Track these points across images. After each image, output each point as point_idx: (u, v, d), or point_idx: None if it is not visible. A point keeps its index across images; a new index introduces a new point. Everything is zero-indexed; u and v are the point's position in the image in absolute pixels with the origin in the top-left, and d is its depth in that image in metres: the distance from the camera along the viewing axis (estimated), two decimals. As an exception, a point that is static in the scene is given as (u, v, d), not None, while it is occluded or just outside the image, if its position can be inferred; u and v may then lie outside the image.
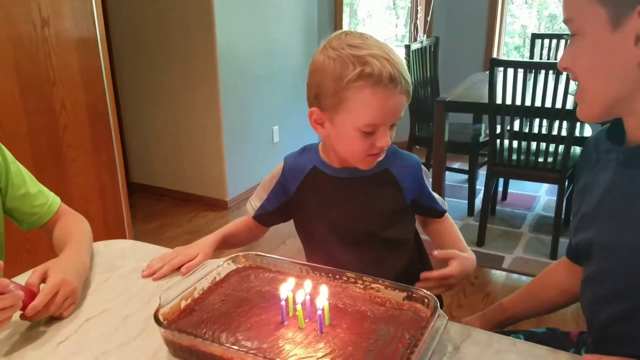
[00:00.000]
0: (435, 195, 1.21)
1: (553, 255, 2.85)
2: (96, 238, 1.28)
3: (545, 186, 3.81)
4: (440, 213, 1.22)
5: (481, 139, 3.30)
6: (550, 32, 4.65)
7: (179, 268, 1.13)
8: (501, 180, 3.55)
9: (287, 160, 1.22)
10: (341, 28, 4.40)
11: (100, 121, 2.55)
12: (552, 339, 1.15)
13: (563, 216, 3.00)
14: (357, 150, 1.05)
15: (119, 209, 2.73)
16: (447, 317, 0.84)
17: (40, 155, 2.29)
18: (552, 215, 2.98)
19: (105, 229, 2.64)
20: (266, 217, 1.25)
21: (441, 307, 1.24)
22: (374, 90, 0.97)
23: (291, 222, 1.27)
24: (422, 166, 1.19)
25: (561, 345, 1.09)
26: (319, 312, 0.86)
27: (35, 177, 1.29)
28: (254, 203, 1.25)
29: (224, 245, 1.24)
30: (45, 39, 2.24)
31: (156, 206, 3.68)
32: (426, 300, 0.89)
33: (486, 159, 3.07)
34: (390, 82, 0.97)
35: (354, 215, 1.14)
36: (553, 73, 2.64)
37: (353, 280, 0.98)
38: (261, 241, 1.33)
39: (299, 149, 1.23)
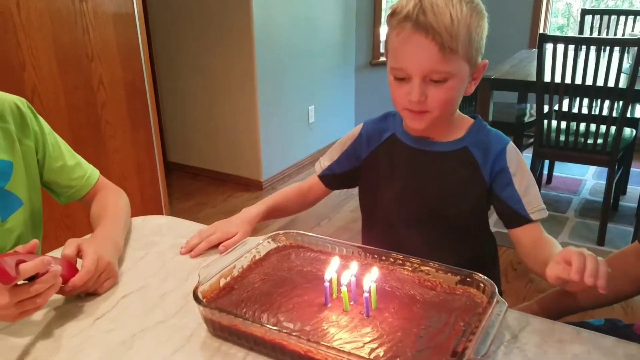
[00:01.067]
0: (527, 194, 1.01)
1: (600, 242, 2.73)
2: (134, 215, 1.26)
3: (592, 169, 3.65)
4: (522, 219, 1.00)
5: (526, 119, 3.16)
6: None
7: (217, 245, 1.09)
8: (546, 163, 3.41)
9: (366, 124, 1.15)
10: (380, 7, 4.30)
11: (137, 98, 2.53)
12: (613, 331, 1.07)
13: (611, 201, 2.87)
14: (394, 98, 1.00)
15: (156, 187, 2.73)
16: (506, 304, 0.78)
17: (79, 131, 2.29)
18: (600, 199, 2.85)
19: (143, 207, 2.64)
20: (332, 178, 1.20)
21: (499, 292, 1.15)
22: (397, 28, 0.94)
23: (328, 203, 1.21)
24: (514, 151, 1.03)
25: (623, 337, 1.01)
26: (366, 294, 0.81)
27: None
28: (324, 162, 1.20)
29: (269, 217, 1.20)
30: (83, 13, 2.22)
31: (192, 185, 3.68)
32: (482, 285, 0.83)
33: (531, 140, 2.95)
34: (407, 20, 0.92)
35: (421, 190, 1.06)
36: (604, 50, 2.50)
37: (400, 261, 0.92)
38: (296, 222, 1.28)
39: (381, 115, 1.15)
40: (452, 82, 0.95)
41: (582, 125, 2.65)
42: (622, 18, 3.64)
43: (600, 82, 2.49)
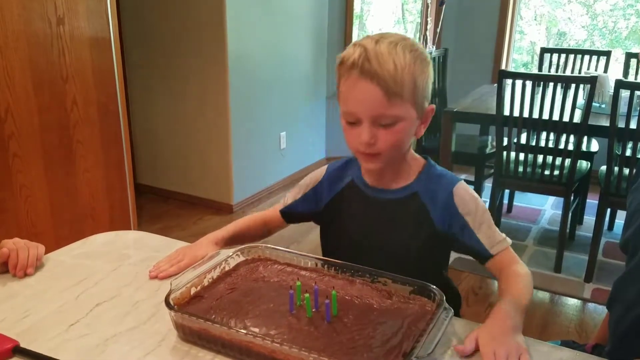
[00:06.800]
0: (481, 230, 1.05)
1: (557, 269, 2.85)
2: (103, 234, 1.30)
3: (550, 200, 3.82)
4: (482, 258, 1.05)
5: (487, 150, 3.31)
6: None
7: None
8: (507, 193, 3.56)
9: (329, 170, 1.20)
10: (350, 40, 4.45)
11: (110, 120, 2.58)
12: None
13: (568, 230, 3.01)
14: (348, 141, 1.04)
15: (125, 209, 2.75)
16: (452, 310, 0.85)
17: (51, 150, 2.31)
18: (557, 229, 2.99)
19: (111, 228, 2.64)
20: (292, 215, 1.24)
21: (458, 311, 1.19)
22: (345, 75, 1.00)
23: (298, 228, 1.24)
24: (462, 191, 1.07)
25: None
26: (327, 301, 0.88)
27: (45, 171, 1.29)
28: (287, 199, 1.25)
29: (232, 242, 1.22)
30: (60, 37, 2.27)
31: (161, 208, 3.70)
32: (432, 294, 0.90)
33: (492, 170, 3.09)
34: (353, 67, 0.97)
35: (378, 238, 1.10)
36: (561, 86, 2.66)
37: (360, 273, 0.99)
38: (273, 241, 1.33)
39: (344, 160, 1.19)
40: (401, 125, 0.99)
41: (540, 157, 2.79)
42: (579, 57, 3.86)
43: (556, 117, 2.64)
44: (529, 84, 2.68)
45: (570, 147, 2.72)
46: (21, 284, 1.07)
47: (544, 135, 2.74)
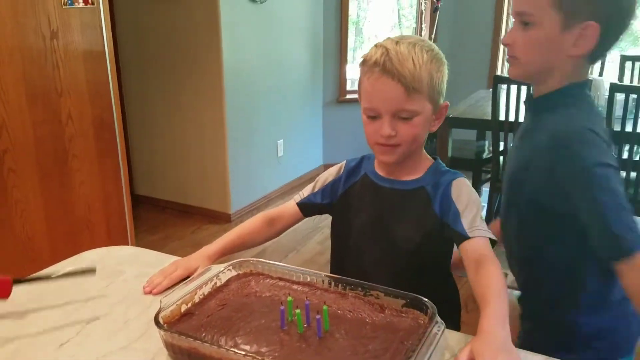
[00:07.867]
0: (466, 215, 1.08)
1: (556, 273, 2.83)
2: (99, 247, 1.29)
3: (548, 204, 3.80)
4: (460, 238, 1.06)
5: (484, 155, 3.31)
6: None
7: (178, 282, 1.10)
8: (504, 197, 3.54)
9: (348, 164, 1.28)
10: (346, 46, 4.46)
11: (106, 132, 2.57)
12: None
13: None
14: (367, 135, 1.12)
15: (122, 220, 2.75)
16: (444, 324, 0.85)
17: (46, 164, 2.31)
18: (555, 232, 2.97)
19: (108, 239, 2.65)
20: (309, 206, 1.27)
21: (458, 324, 1.22)
22: (368, 73, 1.08)
23: (295, 236, 1.25)
24: (461, 183, 1.13)
25: None
26: (318, 316, 0.87)
27: (40, 185, 1.29)
28: (304, 192, 1.29)
29: (231, 251, 1.21)
30: (54, 51, 2.28)
31: (159, 218, 3.70)
32: (425, 307, 0.90)
33: (489, 175, 3.08)
34: (375, 66, 1.05)
35: (384, 225, 1.16)
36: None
37: (352, 286, 0.98)
38: (264, 254, 1.32)
39: (360, 157, 1.27)
40: (418, 119, 1.07)
41: (536, 161, 2.78)
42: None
43: (551, 121, 2.63)
44: (524, 88, 2.68)
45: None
46: (10, 303, 1.06)
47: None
